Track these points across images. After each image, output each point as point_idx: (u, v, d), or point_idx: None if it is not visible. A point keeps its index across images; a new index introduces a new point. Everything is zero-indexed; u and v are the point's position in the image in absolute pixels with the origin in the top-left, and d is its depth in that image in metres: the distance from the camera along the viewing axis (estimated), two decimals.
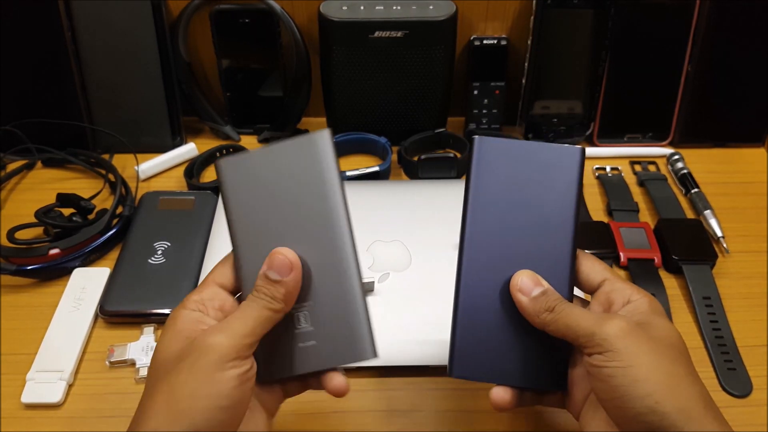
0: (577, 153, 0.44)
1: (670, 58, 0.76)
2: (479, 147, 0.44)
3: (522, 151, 0.44)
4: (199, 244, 0.64)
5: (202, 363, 0.36)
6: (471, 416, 0.52)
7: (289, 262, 0.39)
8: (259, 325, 0.39)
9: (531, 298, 0.41)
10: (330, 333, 0.41)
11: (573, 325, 0.39)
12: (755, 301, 0.62)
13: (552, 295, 0.41)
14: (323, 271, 0.41)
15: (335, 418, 0.52)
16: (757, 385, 0.55)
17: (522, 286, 0.41)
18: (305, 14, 0.75)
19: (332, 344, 0.41)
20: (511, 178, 0.43)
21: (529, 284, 0.41)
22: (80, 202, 0.67)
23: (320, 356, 0.41)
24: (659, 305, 0.41)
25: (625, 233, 0.66)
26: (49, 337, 0.57)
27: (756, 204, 0.73)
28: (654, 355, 0.37)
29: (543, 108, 0.77)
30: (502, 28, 0.77)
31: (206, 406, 0.36)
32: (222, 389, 0.36)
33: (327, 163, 0.41)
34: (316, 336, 0.41)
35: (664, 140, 0.80)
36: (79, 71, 0.73)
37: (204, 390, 0.36)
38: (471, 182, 0.44)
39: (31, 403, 0.53)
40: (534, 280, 0.41)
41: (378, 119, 0.78)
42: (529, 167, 0.43)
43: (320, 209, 0.41)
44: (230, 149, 0.78)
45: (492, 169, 0.44)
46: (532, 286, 0.41)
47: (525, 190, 0.43)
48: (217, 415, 0.36)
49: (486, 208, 0.43)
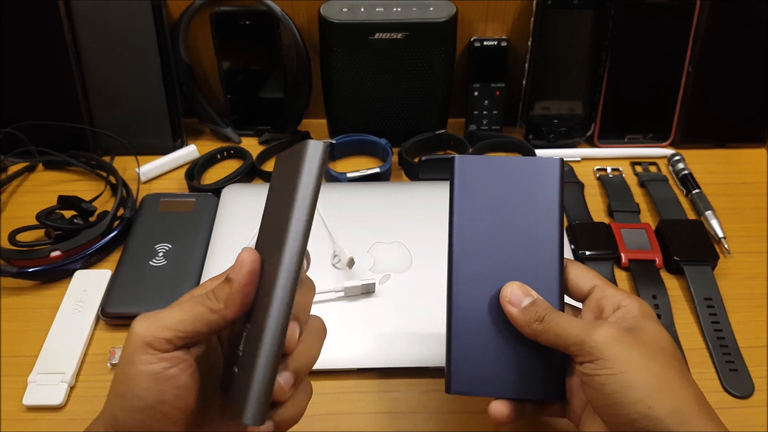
0: (556, 164, 0.45)
1: (670, 59, 0.76)
2: (459, 166, 0.45)
3: (501, 166, 0.45)
4: (200, 245, 0.64)
5: (123, 355, 0.35)
6: (473, 418, 0.52)
7: (242, 260, 0.36)
8: (187, 320, 0.35)
9: (521, 309, 0.41)
10: (242, 372, 0.36)
11: (563, 334, 0.39)
12: (757, 301, 0.62)
13: (541, 305, 0.41)
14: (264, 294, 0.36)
15: (335, 420, 0.52)
16: (758, 385, 0.55)
17: (511, 298, 0.42)
18: (305, 16, 0.75)
19: (238, 386, 0.36)
20: (493, 194, 0.45)
21: (518, 295, 0.42)
22: (81, 205, 0.67)
23: (233, 392, 0.36)
24: (649, 309, 0.42)
25: (626, 234, 0.66)
26: (51, 339, 0.57)
27: (757, 204, 0.73)
28: (644, 359, 0.37)
29: (543, 109, 0.77)
30: (503, 29, 0.77)
31: (124, 405, 0.34)
32: (133, 387, 0.34)
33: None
34: (240, 366, 0.36)
35: (664, 141, 0.80)
36: (80, 73, 0.73)
37: (120, 387, 0.35)
38: (454, 201, 0.45)
39: (33, 406, 0.53)
40: (523, 290, 0.42)
41: (378, 121, 0.78)
42: (510, 182, 0.45)
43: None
44: (231, 151, 0.78)
45: (473, 186, 0.45)
46: (522, 297, 0.42)
47: (508, 205, 0.44)
48: (136, 416, 0.34)
49: (471, 225, 0.44)
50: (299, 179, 0.35)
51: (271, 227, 0.38)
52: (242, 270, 0.35)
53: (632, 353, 0.37)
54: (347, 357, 0.55)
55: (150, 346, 0.34)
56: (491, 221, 0.44)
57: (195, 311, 0.35)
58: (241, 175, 0.74)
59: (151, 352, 0.34)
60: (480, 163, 0.45)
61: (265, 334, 0.34)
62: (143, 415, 0.34)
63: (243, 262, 0.36)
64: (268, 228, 0.39)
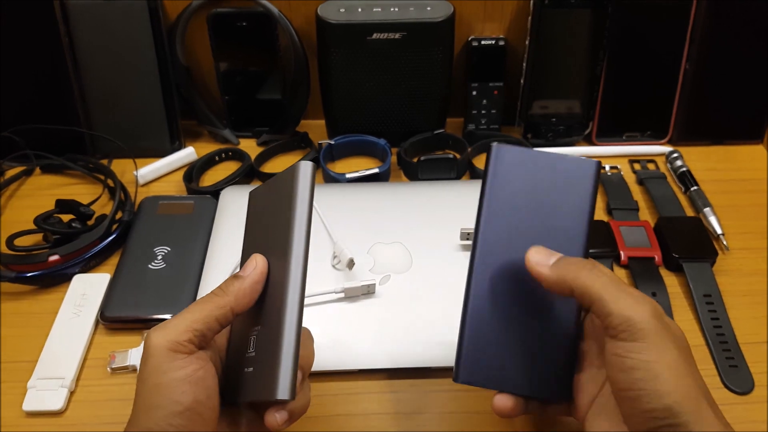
0: (593, 167, 0.44)
1: (667, 57, 0.76)
2: (496, 155, 0.44)
3: (538, 161, 0.44)
4: (200, 248, 0.64)
5: (148, 369, 0.36)
6: (475, 418, 0.52)
7: (256, 261, 0.40)
8: (199, 319, 0.38)
9: (550, 265, 0.40)
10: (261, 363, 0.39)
11: (601, 292, 0.38)
12: (756, 298, 0.62)
13: (569, 260, 0.40)
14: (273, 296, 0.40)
15: (339, 421, 0.52)
16: (758, 381, 0.55)
17: (538, 259, 0.41)
18: (303, 17, 0.75)
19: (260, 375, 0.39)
20: (525, 187, 0.44)
21: (544, 255, 0.41)
22: (79, 208, 0.67)
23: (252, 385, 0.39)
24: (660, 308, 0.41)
25: (625, 232, 0.66)
26: (50, 344, 0.57)
27: (755, 201, 0.73)
28: (676, 352, 0.37)
29: (542, 108, 0.77)
30: (500, 29, 0.77)
31: (161, 415, 0.36)
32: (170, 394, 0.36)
33: None
34: (255, 363, 0.39)
35: (662, 138, 0.80)
36: (77, 76, 0.73)
37: (154, 400, 0.36)
38: (486, 190, 0.44)
39: (33, 411, 0.52)
40: (546, 252, 0.41)
41: (377, 121, 0.78)
42: (544, 178, 0.44)
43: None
44: (229, 153, 0.78)
45: (507, 177, 0.44)
46: (548, 256, 0.41)
47: (539, 201, 0.44)
48: (176, 421, 0.35)
49: (499, 217, 0.44)
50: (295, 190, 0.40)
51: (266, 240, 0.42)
52: (256, 269, 0.40)
53: (668, 343, 0.37)
54: (349, 358, 0.55)
55: (176, 351, 0.36)
56: (520, 215, 0.44)
57: (204, 309, 0.38)
58: (240, 176, 0.73)
59: (180, 357, 0.36)
60: (517, 154, 0.45)
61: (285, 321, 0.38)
62: (183, 419, 0.36)
63: (257, 263, 0.40)
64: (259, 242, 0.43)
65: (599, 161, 0.45)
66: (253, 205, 0.46)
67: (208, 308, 0.38)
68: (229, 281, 0.40)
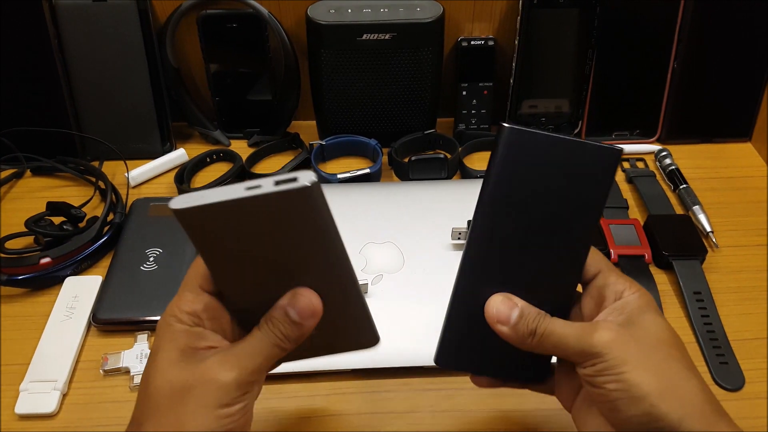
0: (616, 155, 0.40)
1: (655, 56, 0.76)
2: (508, 138, 0.40)
3: (552, 146, 0.40)
4: (191, 250, 0.64)
5: (209, 399, 0.36)
6: (467, 416, 0.52)
7: (313, 308, 0.38)
8: (266, 363, 0.38)
9: (511, 326, 0.40)
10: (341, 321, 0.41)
11: (560, 344, 0.38)
12: (745, 294, 0.63)
13: (529, 315, 0.39)
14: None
15: (332, 421, 0.52)
16: (749, 378, 0.55)
17: (499, 316, 0.40)
18: (293, 18, 0.75)
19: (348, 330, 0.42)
20: (536, 176, 0.40)
21: (504, 311, 0.40)
22: (70, 210, 0.67)
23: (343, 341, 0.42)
24: (651, 299, 0.40)
25: (615, 230, 0.66)
26: (42, 346, 0.56)
27: (744, 198, 0.73)
28: (644, 356, 0.37)
29: (531, 107, 0.78)
30: (489, 29, 0.77)
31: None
32: (225, 423, 0.36)
33: None
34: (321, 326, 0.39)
35: (651, 137, 0.81)
36: (67, 78, 0.73)
37: (208, 425, 0.35)
38: (492, 174, 0.40)
39: (26, 414, 0.52)
40: (507, 304, 0.40)
41: (368, 121, 0.78)
42: (557, 165, 0.40)
43: None
44: (220, 154, 0.78)
45: (517, 163, 0.40)
46: (508, 311, 0.40)
47: (548, 190, 0.40)
48: None
49: (504, 204, 0.40)
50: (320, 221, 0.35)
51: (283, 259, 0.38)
52: (314, 318, 0.38)
53: (631, 352, 0.37)
54: (341, 358, 0.54)
55: (245, 391, 0.37)
56: (526, 203, 0.40)
57: (272, 354, 0.38)
58: (231, 177, 0.73)
59: (246, 393, 0.37)
60: (531, 138, 0.40)
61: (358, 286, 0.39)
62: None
63: (315, 311, 0.38)
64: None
65: (621, 148, 0.40)
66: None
67: (275, 353, 0.38)
68: (291, 328, 0.38)
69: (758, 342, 0.58)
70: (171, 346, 0.37)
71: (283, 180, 0.33)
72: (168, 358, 0.36)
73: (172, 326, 0.37)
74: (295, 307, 0.37)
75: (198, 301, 0.38)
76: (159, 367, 0.36)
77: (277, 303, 0.38)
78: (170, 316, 0.38)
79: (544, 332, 0.39)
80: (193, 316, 0.38)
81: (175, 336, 0.37)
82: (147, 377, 0.37)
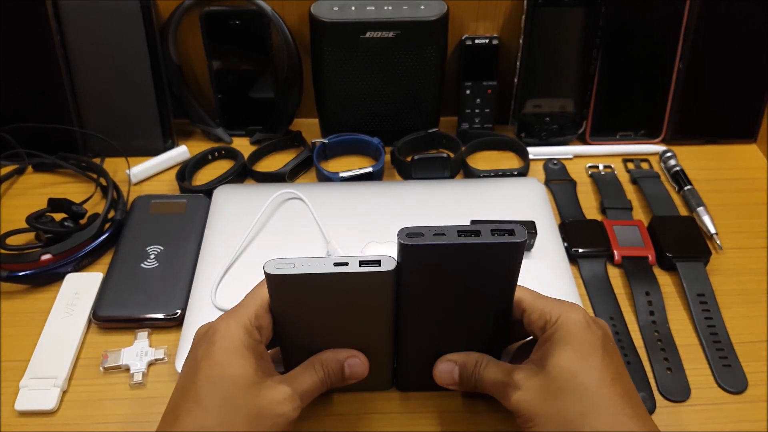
0: (518, 248, 0.41)
1: (661, 56, 0.76)
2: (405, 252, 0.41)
3: (455, 251, 0.40)
4: (192, 247, 0.64)
5: (273, 418, 0.41)
6: (466, 416, 0.52)
7: (363, 373, 0.46)
8: (315, 394, 0.45)
9: (457, 385, 0.48)
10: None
11: (492, 390, 0.46)
12: (749, 297, 0.62)
13: (468, 368, 0.47)
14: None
15: (330, 421, 0.52)
16: (752, 381, 0.55)
17: (445, 379, 0.48)
18: (296, 15, 0.74)
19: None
20: (443, 277, 0.43)
21: (447, 372, 0.48)
22: (72, 207, 0.66)
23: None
24: (575, 315, 0.43)
25: (618, 231, 0.66)
26: (42, 343, 0.56)
27: (749, 200, 0.73)
28: (549, 405, 0.41)
29: (535, 107, 0.77)
30: (494, 28, 0.77)
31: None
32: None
33: None
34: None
35: (656, 137, 0.81)
36: (69, 75, 0.73)
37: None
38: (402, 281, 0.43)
39: (25, 411, 0.52)
40: (446, 366, 0.48)
41: (370, 120, 0.78)
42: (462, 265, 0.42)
43: None
44: (222, 151, 0.78)
45: (421, 271, 0.42)
46: (450, 371, 0.48)
47: (459, 284, 0.44)
48: None
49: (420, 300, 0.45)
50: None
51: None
52: (359, 379, 0.47)
53: (537, 405, 0.41)
54: None
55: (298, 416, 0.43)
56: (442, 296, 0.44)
57: (320, 389, 0.45)
58: (233, 175, 0.73)
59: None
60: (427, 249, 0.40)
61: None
62: None
63: (362, 375, 0.47)
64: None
65: (524, 240, 0.40)
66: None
67: (320, 390, 0.45)
68: (338, 375, 0.46)
69: (761, 345, 0.58)
70: (237, 345, 0.41)
71: (367, 261, 0.40)
72: (236, 355, 0.41)
73: (237, 329, 0.42)
74: (351, 368, 0.46)
75: (265, 318, 0.44)
76: (224, 359, 0.41)
77: (337, 353, 0.46)
78: (238, 322, 0.42)
79: (480, 380, 0.46)
80: (259, 330, 0.43)
81: (245, 344, 0.42)
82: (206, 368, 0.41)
